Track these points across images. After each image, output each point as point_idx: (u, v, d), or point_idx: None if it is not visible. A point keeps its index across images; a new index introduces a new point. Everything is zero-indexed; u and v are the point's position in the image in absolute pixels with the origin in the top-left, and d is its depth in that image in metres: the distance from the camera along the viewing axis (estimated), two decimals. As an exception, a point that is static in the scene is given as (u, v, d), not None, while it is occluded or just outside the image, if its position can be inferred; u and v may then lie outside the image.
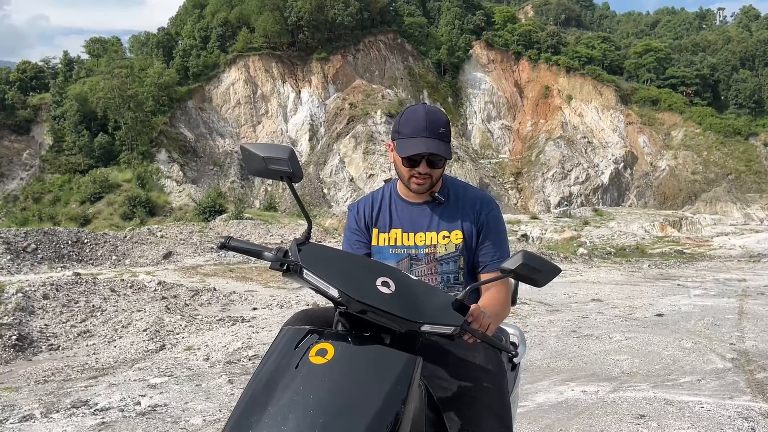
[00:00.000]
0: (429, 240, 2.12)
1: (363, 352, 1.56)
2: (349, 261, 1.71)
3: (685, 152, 67.37)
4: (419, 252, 2.12)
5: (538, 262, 1.69)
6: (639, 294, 10.88)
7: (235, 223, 24.43)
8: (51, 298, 8.55)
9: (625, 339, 6.70)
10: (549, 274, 1.73)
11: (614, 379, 5.26)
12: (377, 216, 2.20)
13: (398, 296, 1.59)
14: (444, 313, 1.63)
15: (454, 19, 76.53)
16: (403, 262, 2.13)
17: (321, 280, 1.59)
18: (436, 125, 2.03)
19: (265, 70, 65.55)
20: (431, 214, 2.13)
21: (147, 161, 53.63)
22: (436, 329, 1.60)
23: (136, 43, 71.90)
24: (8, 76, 62.71)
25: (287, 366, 1.54)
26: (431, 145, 2.00)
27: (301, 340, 1.60)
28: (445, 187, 2.17)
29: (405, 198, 2.18)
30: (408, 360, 1.58)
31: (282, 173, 1.71)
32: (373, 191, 2.33)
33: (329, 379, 1.49)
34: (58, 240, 16.41)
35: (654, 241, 36.01)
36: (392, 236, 2.16)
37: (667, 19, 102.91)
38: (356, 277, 1.62)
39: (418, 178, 2.06)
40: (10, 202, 51.83)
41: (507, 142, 72.41)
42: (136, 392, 5.09)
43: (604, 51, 77.52)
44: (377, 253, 2.17)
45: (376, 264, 1.74)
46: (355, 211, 2.26)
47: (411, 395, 1.55)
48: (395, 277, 1.66)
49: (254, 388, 1.54)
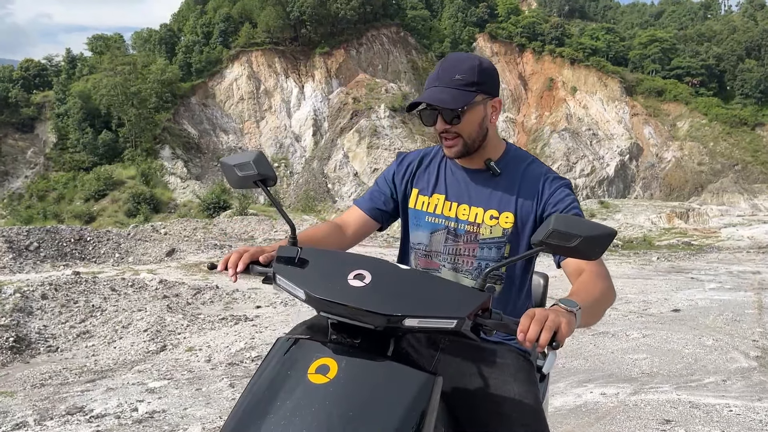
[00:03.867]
0: (473, 216, 1.77)
1: (371, 369, 1.32)
2: (324, 258, 1.47)
3: (691, 143, 66.92)
4: (459, 227, 1.78)
5: (575, 225, 1.34)
6: (653, 288, 10.62)
7: (239, 219, 24.25)
8: (50, 298, 8.35)
9: (643, 336, 6.45)
10: (597, 238, 1.35)
11: (634, 380, 5.01)
12: (422, 174, 1.87)
13: (373, 288, 1.34)
14: (443, 304, 1.34)
15: (457, 11, 76.07)
16: (439, 234, 1.80)
17: (290, 283, 1.42)
18: (450, 72, 1.68)
19: (267, 65, 65.31)
20: (483, 185, 1.78)
21: (151, 158, 53.58)
22: (429, 324, 1.32)
23: (139, 40, 71.76)
24: (11, 74, 62.63)
25: (281, 386, 1.30)
26: (433, 95, 1.66)
27: (298, 353, 1.36)
28: (504, 157, 1.81)
29: (457, 161, 1.83)
30: (425, 380, 1.33)
31: (252, 178, 1.62)
32: (429, 147, 1.97)
33: (331, 402, 1.24)
34: (61, 238, 16.24)
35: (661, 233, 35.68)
36: (433, 201, 1.82)
37: (671, 9, 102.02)
38: (327, 274, 1.41)
39: (444, 139, 1.73)
40: (15, 200, 51.88)
41: (511, 134, 72.03)
42: (133, 397, 4.88)
43: (609, 42, 76.94)
44: (413, 218, 1.86)
45: (354, 257, 1.47)
46: (398, 163, 1.93)
47: (428, 422, 1.29)
48: (373, 269, 1.39)
49: (243, 411, 1.30)
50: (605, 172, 66.36)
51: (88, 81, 58.04)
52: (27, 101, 60.00)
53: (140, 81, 55.60)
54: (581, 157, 66.80)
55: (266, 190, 1.63)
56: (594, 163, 66.82)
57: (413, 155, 1.94)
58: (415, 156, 1.93)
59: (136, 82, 54.99)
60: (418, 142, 59.42)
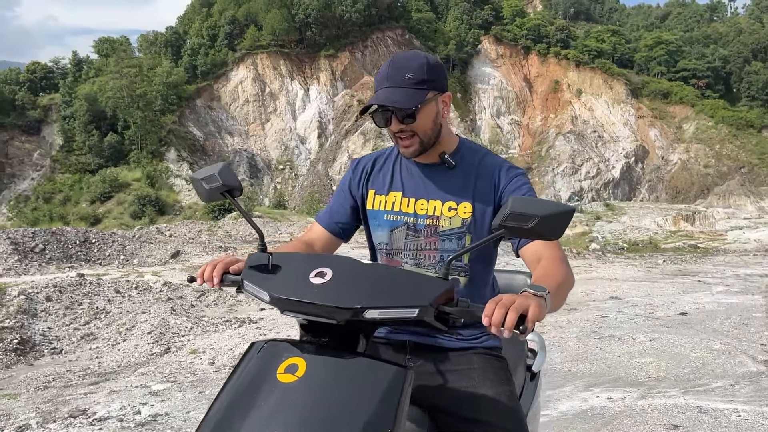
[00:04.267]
0: (432, 209, 1.76)
1: (340, 365, 1.31)
2: (290, 260, 1.47)
3: (697, 145, 66.70)
4: (419, 222, 1.77)
5: (532, 205, 1.33)
6: (659, 291, 10.55)
7: (244, 222, 24.25)
8: (54, 300, 8.35)
9: (650, 340, 6.40)
10: (555, 216, 1.32)
11: (641, 384, 4.96)
12: (377, 175, 1.87)
13: (334, 284, 1.33)
14: (405, 294, 1.33)
15: (462, 14, 76.07)
16: (399, 231, 1.79)
17: (255, 287, 1.42)
18: (401, 71, 1.67)
19: (273, 67, 65.44)
20: (439, 179, 1.77)
21: (156, 160, 53.73)
22: (391, 314, 1.31)
23: (145, 43, 72.03)
24: (18, 77, 62.97)
25: (251, 388, 1.29)
26: (385, 95, 1.65)
27: (268, 355, 1.35)
28: (459, 150, 1.81)
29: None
30: (396, 373, 1.31)
31: (219, 190, 1.64)
32: (382, 149, 1.96)
33: (300, 400, 1.23)
34: (66, 240, 16.26)
35: (667, 236, 35.55)
36: (390, 200, 1.81)
37: (677, 12, 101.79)
38: (291, 275, 1.41)
39: (400, 139, 1.71)
40: (21, 202, 52.10)
41: (517, 137, 71.94)
42: (136, 400, 4.86)
43: (614, 44, 76.81)
44: (372, 219, 1.85)
45: (317, 256, 1.49)
46: (352, 169, 1.93)
47: (401, 416, 1.28)
48: (335, 265, 1.38)
49: (214, 414, 1.30)
50: (611, 174, 66.18)
51: (94, 83, 58.29)
52: (33, 104, 60.29)
53: (146, 83, 55.80)
54: (586, 160, 66.66)
55: (233, 201, 1.65)
56: (599, 165, 66.65)
57: (366, 159, 1.94)
58: (368, 159, 1.93)
59: (141, 85, 55.19)
60: (423, 144, 59.39)
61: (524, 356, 2.19)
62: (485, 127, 71.80)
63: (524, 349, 2.21)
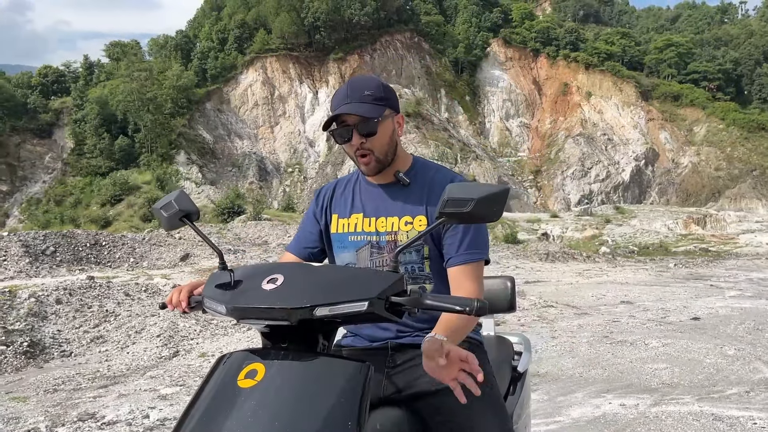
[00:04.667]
0: (390, 226, 1.84)
1: (300, 366, 1.33)
2: (246, 273, 1.49)
3: (708, 148, 66.23)
4: (381, 239, 1.85)
5: (468, 189, 1.39)
6: (671, 295, 10.44)
7: (253, 224, 24.30)
8: (64, 302, 8.36)
9: (662, 345, 6.32)
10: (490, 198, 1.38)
11: (654, 390, 4.89)
12: (338, 200, 1.96)
13: (284, 287, 1.37)
14: (353, 289, 1.36)
15: (471, 16, 76.02)
16: (364, 250, 1.87)
17: (213, 302, 1.45)
18: (360, 89, 1.77)
19: (282, 71, 65.63)
20: (395, 196, 1.86)
21: (166, 163, 53.97)
22: (340, 310, 1.33)
23: (155, 46, 72.47)
24: (30, 81, 63.49)
25: (214, 397, 1.31)
26: (348, 108, 1.74)
27: (230, 364, 1.38)
28: (413, 168, 1.90)
29: (369, 179, 1.92)
30: (355, 368, 1.34)
31: (177, 216, 1.70)
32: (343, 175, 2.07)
33: (259, 402, 1.25)
34: (77, 242, 16.34)
35: (678, 239, 35.33)
36: (353, 221, 1.90)
37: (688, 14, 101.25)
38: (245, 285, 1.43)
39: (359, 156, 1.80)
40: (33, 204, 52.49)
41: (526, 139, 71.73)
42: (145, 404, 4.85)
43: (624, 47, 76.47)
44: (337, 242, 1.92)
45: (271, 265, 1.51)
46: (316, 197, 2.03)
47: (363, 410, 1.30)
48: (286, 271, 1.42)
49: (180, 425, 1.32)
50: (620, 177, 65.82)
51: (105, 87, 58.69)
52: (45, 107, 60.78)
53: (156, 87, 56.10)
54: (596, 163, 66.34)
55: (192, 225, 1.69)
56: (609, 168, 66.31)
57: (327, 186, 2.04)
58: (329, 186, 2.03)
59: (152, 88, 55.49)
60: (432, 147, 59.35)
61: (510, 357, 2.24)
62: (494, 130, 71.64)
63: (509, 350, 2.27)
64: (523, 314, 8.43)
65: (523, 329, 7.41)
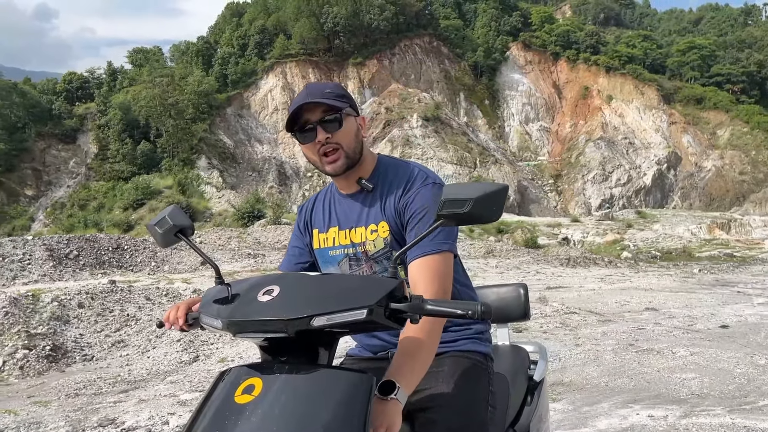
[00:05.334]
0: (359, 236, 1.79)
1: (298, 379, 1.28)
2: (243, 286, 1.45)
3: (732, 152, 65.16)
4: (357, 250, 1.80)
5: (464, 190, 1.36)
6: (697, 302, 10.21)
7: (273, 228, 24.38)
8: (86, 306, 8.43)
9: (690, 354, 6.15)
10: (488, 197, 1.34)
11: (683, 401, 4.75)
12: (317, 215, 1.92)
13: (281, 299, 1.32)
14: (351, 297, 1.31)
15: (490, 20, 75.76)
16: (344, 263, 1.82)
17: (209, 318, 1.42)
18: (319, 89, 1.72)
19: (302, 76, 65.95)
20: (362, 205, 1.80)
21: (187, 168, 54.42)
22: (339, 319, 1.28)
23: (177, 52, 73.33)
24: (55, 87, 64.60)
25: (212, 413, 1.28)
26: (313, 99, 1.68)
27: (228, 379, 1.35)
28: (376, 171, 1.82)
29: (339, 190, 1.87)
30: (356, 379, 1.30)
31: (171, 232, 1.66)
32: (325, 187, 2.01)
33: (257, 418, 1.21)
34: (99, 246, 16.54)
35: (701, 244, 34.70)
36: (330, 236, 1.86)
37: (710, 16, 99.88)
38: (242, 298, 1.39)
39: (325, 154, 1.72)
40: (58, 209, 53.28)
41: (546, 143, 71.20)
42: (165, 410, 4.83)
43: (646, 49, 75.63)
44: (320, 257, 1.89)
45: (267, 277, 1.46)
46: (298, 213, 2.00)
47: (367, 422, 1.26)
48: (282, 282, 1.38)
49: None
50: (642, 181, 65.00)
51: (128, 93, 59.47)
52: (70, 113, 61.75)
53: (178, 92, 56.69)
54: (617, 166, 65.60)
55: (187, 241, 1.66)
56: (630, 172, 65.52)
57: (307, 202, 2.00)
58: (309, 202, 1.99)
59: (173, 94, 56.09)
60: (451, 151, 59.17)
61: (525, 366, 2.19)
62: (513, 134, 71.25)
63: (525, 359, 2.21)
64: (546, 321, 8.31)
65: (546, 336, 7.29)
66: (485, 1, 78.50)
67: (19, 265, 13.91)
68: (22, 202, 55.15)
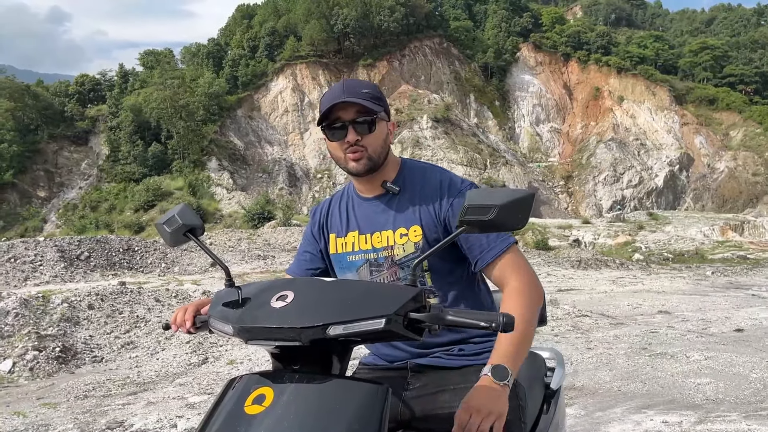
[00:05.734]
0: (385, 240, 1.73)
1: (311, 390, 1.23)
2: (255, 290, 1.39)
3: (745, 153, 64.58)
4: (378, 256, 1.74)
5: (489, 195, 1.30)
6: (711, 305, 10.08)
7: (282, 230, 24.42)
8: (96, 308, 8.44)
9: (705, 359, 6.06)
10: (514, 203, 1.29)
11: (698, 407, 4.66)
12: (334, 219, 1.85)
13: (295, 305, 1.27)
14: (369, 305, 1.25)
15: (500, 21, 75.59)
16: (363, 269, 1.76)
17: (220, 322, 1.36)
18: (356, 87, 1.67)
19: (312, 77, 66.10)
20: (386, 208, 1.75)
21: (198, 169, 54.68)
22: (356, 328, 1.23)
23: (188, 54, 73.68)
24: (68, 89, 65.11)
25: (220, 424, 1.23)
26: (351, 98, 1.64)
27: (238, 388, 1.29)
28: (401, 174, 1.78)
29: (360, 193, 1.81)
30: (371, 391, 1.24)
31: (181, 231, 1.60)
32: (337, 191, 1.94)
33: (267, 430, 1.16)
34: (110, 248, 16.62)
35: (714, 246, 34.36)
36: (349, 240, 1.79)
37: (723, 16, 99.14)
38: (253, 303, 1.33)
39: (350, 153, 1.67)
40: (70, 210, 53.70)
41: (556, 145, 70.90)
42: (173, 412, 4.81)
43: (657, 50, 75.16)
44: (337, 262, 1.82)
45: (280, 281, 1.40)
46: (312, 216, 1.93)
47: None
48: (296, 287, 1.33)
49: None
50: (654, 182, 64.55)
51: (139, 95, 59.84)
52: (82, 115, 62.24)
53: (188, 94, 56.97)
54: (629, 168, 65.20)
55: (197, 241, 1.60)
56: (642, 173, 65.10)
57: (322, 205, 1.94)
58: (324, 205, 1.93)
59: (184, 96, 56.37)
60: (461, 152, 59.04)
61: (542, 374, 2.11)
62: (524, 135, 70.99)
63: (541, 366, 2.14)
64: (557, 324, 8.22)
65: (557, 340, 7.21)
66: (495, 2, 78.34)
67: (31, 266, 14.00)
68: (34, 204, 55.62)
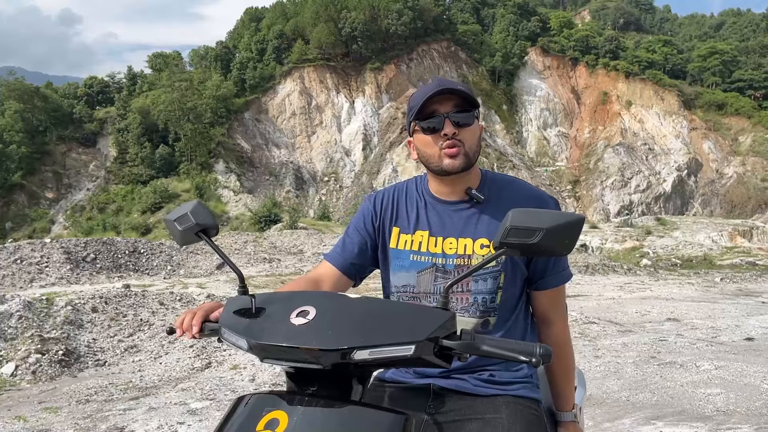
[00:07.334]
0: (462, 248, 1.61)
1: (328, 416, 1.14)
2: (273, 301, 1.29)
3: (754, 158, 64.15)
4: (448, 262, 1.62)
5: (535, 218, 1.20)
6: (720, 313, 9.95)
7: (289, 233, 24.37)
8: (100, 311, 8.40)
9: (715, 368, 5.95)
10: (562, 228, 1.19)
11: (709, 418, 4.57)
12: (401, 212, 1.72)
13: (317, 323, 1.17)
14: (398, 329, 1.15)
15: (508, 25, 75.53)
16: (427, 273, 1.64)
17: (233, 334, 1.26)
18: (451, 82, 1.60)
19: (319, 80, 66.20)
20: (468, 215, 1.64)
21: (205, 171, 54.84)
22: (383, 354, 1.14)
23: (196, 57, 74.00)
24: (76, 91, 65.49)
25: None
26: (450, 86, 1.56)
27: (249, 410, 1.20)
28: (484, 183, 1.67)
29: (436, 195, 1.69)
30: (393, 421, 1.13)
31: (193, 230, 1.50)
32: (398, 183, 1.82)
33: None
34: (116, 250, 16.60)
35: (723, 252, 34.07)
36: (417, 239, 1.66)
37: (732, 21, 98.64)
38: (271, 317, 1.23)
39: (447, 148, 1.56)
40: (77, 211, 53.92)
41: (564, 149, 70.67)
42: (174, 419, 4.75)
43: (666, 55, 74.87)
44: (395, 258, 1.69)
45: (302, 294, 1.30)
46: (372, 204, 1.77)
47: None
48: (318, 303, 1.22)
49: None
50: (662, 188, 64.20)
51: (147, 97, 60.10)
52: (90, 117, 62.56)
53: (196, 97, 57.17)
54: (636, 173, 64.88)
55: (209, 242, 1.50)
56: (650, 178, 64.77)
57: (386, 194, 1.79)
58: (389, 194, 1.78)
59: (192, 98, 56.56)
60: (468, 156, 58.89)
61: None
62: (531, 139, 70.80)
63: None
64: (564, 331, 8.11)
65: (564, 347, 7.11)
66: (503, 6, 78.29)
67: (37, 267, 14.00)
68: (42, 205, 55.90)
